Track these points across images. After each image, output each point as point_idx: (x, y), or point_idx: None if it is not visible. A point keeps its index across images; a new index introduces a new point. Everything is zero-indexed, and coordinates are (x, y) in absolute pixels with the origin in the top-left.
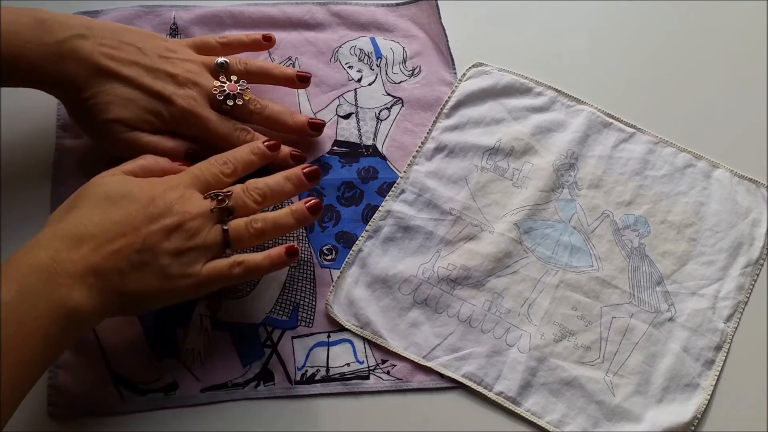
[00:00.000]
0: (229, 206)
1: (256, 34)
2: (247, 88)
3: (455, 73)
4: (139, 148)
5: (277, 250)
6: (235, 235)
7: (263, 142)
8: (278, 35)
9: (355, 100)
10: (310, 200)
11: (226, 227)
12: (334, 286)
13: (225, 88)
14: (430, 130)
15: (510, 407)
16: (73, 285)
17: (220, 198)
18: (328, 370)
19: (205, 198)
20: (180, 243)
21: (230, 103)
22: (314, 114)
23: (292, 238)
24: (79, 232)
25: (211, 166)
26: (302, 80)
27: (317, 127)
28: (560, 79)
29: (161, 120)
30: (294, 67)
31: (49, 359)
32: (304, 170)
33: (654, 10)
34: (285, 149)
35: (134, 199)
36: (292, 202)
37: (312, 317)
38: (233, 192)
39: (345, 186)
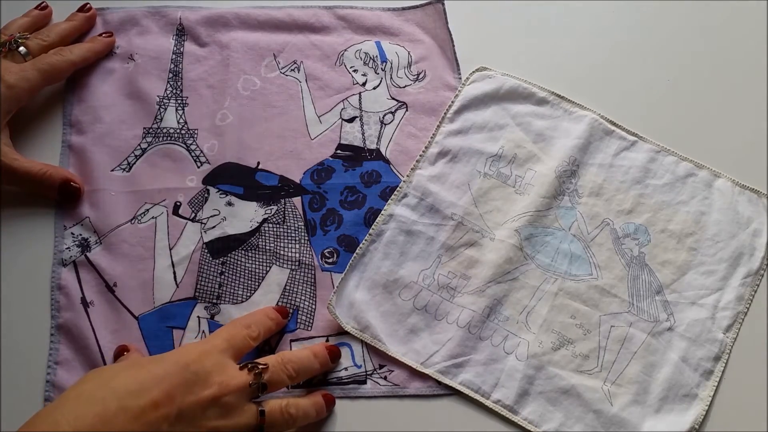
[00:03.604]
0: (266, 381)
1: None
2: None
3: (460, 78)
4: None
5: None
6: (270, 420)
7: (274, 308)
8: (284, 38)
9: (360, 103)
10: (329, 397)
11: (262, 408)
12: (336, 288)
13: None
14: (434, 134)
15: (507, 415)
16: None
17: (257, 372)
18: (325, 374)
19: (241, 368)
20: (217, 422)
21: None
22: (318, 117)
23: (294, 240)
24: (110, 402)
25: (238, 330)
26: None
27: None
28: (564, 85)
29: None
30: (299, 70)
31: None
32: (329, 350)
33: (659, 19)
34: None
35: (167, 362)
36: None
37: (311, 320)
38: (270, 366)
39: (348, 190)
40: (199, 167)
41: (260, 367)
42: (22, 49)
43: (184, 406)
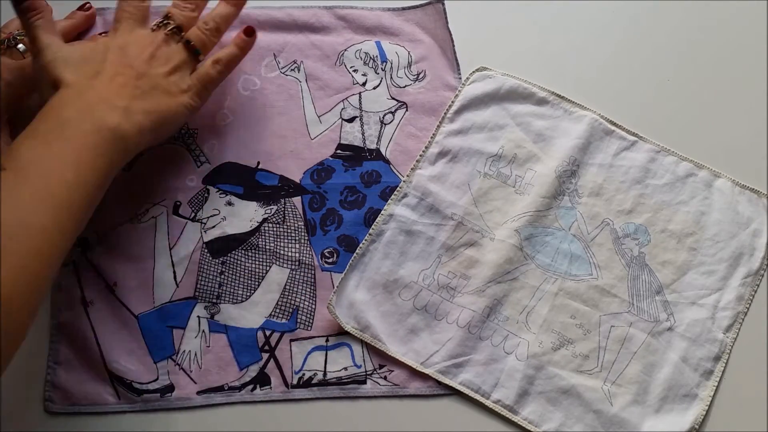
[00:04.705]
0: (176, 24)
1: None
2: None
3: (460, 78)
4: None
5: (237, 36)
6: (198, 42)
7: None
8: (284, 38)
9: (360, 103)
10: None
11: (187, 40)
12: (336, 288)
13: None
14: (434, 134)
15: (507, 415)
16: (107, 110)
17: (163, 23)
18: (325, 374)
19: (153, 30)
20: (163, 67)
21: None
22: (318, 117)
23: (294, 240)
24: (80, 80)
25: (125, 5)
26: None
27: None
28: (564, 85)
29: None
30: (299, 70)
31: (101, 175)
32: None
33: (659, 19)
34: None
35: (102, 52)
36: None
37: (311, 320)
38: (169, 12)
39: (348, 190)
40: (199, 167)
41: (162, 18)
42: (20, 46)
43: (137, 67)
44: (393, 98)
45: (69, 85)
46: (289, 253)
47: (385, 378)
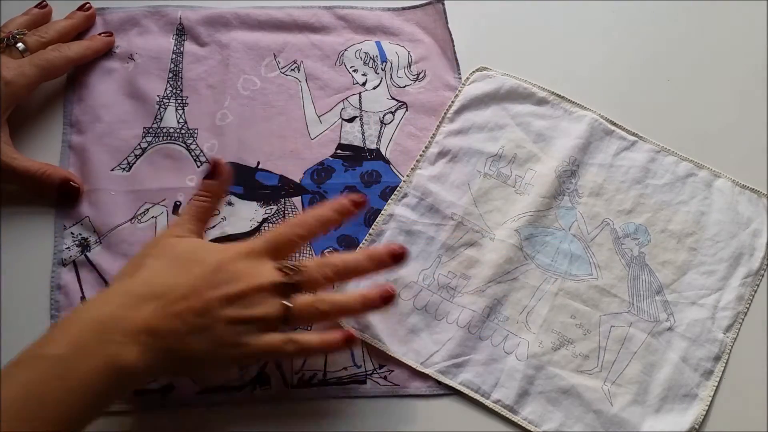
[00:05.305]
0: (298, 281)
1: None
2: None
3: (460, 78)
4: None
5: (335, 337)
6: (296, 313)
7: (348, 197)
8: (284, 38)
9: (360, 103)
10: (386, 290)
11: (290, 303)
12: (336, 289)
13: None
14: (434, 134)
15: (507, 415)
16: (126, 342)
17: (292, 269)
18: (325, 374)
19: (277, 268)
20: (238, 312)
21: None
22: (318, 117)
23: None
24: (143, 292)
25: (285, 229)
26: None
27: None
28: (564, 85)
29: None
30: (299, 70)
31: (93, 415)
32: (392, 252)
33: (659, 20)
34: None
35: (203, 263)
36: None
37: None
38: (307, 268)
39: (348, 190)
40: (199, 167)
41: (294, 269)
42: (20, 45)
43: (209, 300)
44: (393, 98)
45: (126, 279)
46: None
47: (385, 378)
